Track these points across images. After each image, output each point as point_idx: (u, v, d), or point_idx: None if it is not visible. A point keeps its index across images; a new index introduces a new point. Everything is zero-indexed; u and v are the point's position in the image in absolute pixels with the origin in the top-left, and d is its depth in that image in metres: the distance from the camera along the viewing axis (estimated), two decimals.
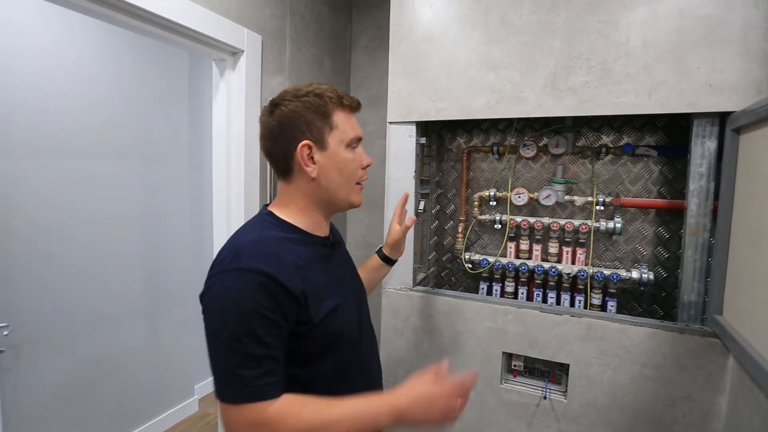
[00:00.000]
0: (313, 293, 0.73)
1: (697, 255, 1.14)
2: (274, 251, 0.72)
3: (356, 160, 0.81)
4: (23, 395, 1.79)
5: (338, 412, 0.68)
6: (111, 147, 2.05)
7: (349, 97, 0.81)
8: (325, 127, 0.77)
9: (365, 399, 0.71)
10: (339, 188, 0.80)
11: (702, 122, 1.12)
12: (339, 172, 0.79)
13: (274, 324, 0.67)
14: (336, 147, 0.78)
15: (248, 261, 0.68)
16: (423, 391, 0.72)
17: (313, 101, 0.77)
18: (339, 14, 2.06)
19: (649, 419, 1.17)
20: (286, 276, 0.69)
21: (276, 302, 0.67)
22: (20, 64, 1.70)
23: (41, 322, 1.84)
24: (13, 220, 1.73)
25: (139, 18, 1.19)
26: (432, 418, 0.71)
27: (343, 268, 0.91)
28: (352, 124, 0.81)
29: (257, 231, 0.76)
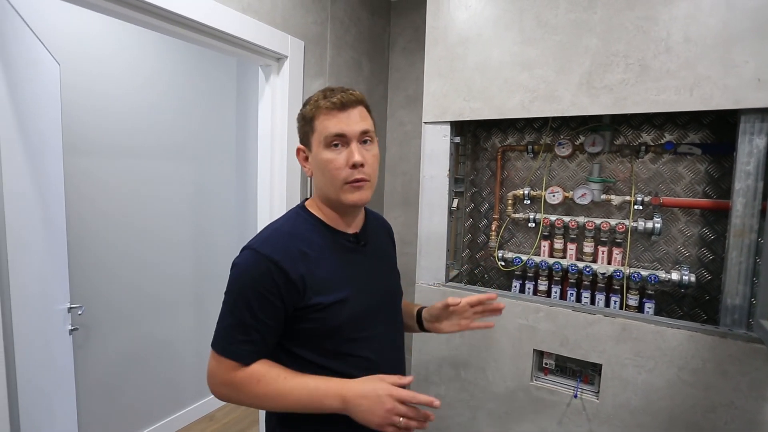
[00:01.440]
0: (314, 282, 0.78)
1: (743, 257, 1.10)
2: (286, 240, 0.80)
3: (338, 159, 0.79)
4: (92, 368, 2.00)
5: (291, 386, 0.76)
6: (165, 147, 2.24)
7: (332, 93, 0.80)
8: (309, 131, 0.83)
9: (319, 380, 0.77)
10: (327, 187, 0.83)
11: (750, 118, 1.08)
12: (321, 173, 0.82)
13: (269, 303, 0.76)
14: (316, 148, 0.82)
15: (262, 244, 0.79)
16: (372, 388, 0.74)
17: (304, 109, 0.85)
18: (377, 17, 2.12)
19: (685, 425, 1.14)
20: (290, 263, 0.77)
21: (276, 285, 0.76)
22: (86, 68, 1.91)
23: (107, 305, 2.05)
24: (86, 213, 1.94)
25: (198, 31, 1.30)
26: (373, 417, 0.73)
27: (368, 267, 0.89)
28: (330, 123, 0.79)
29: (282, 222, 0.86)
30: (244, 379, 0.77)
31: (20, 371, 1.15)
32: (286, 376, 0.77)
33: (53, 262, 1.52)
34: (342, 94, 0.80)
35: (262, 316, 0.76)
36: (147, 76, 2.14)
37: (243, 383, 0.77)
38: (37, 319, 1.33)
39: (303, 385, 0.76)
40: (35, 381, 1.28)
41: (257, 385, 0.76)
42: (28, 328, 1.22)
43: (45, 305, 1.41)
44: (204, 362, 2.54)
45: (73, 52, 1.85)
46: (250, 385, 0.77)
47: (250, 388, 0.77)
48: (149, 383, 2.25)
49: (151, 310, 2.24)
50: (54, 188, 1.55)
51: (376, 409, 0.73)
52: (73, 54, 1.85)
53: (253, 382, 0.76)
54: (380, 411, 0.73)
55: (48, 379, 1.41)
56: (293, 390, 0.76)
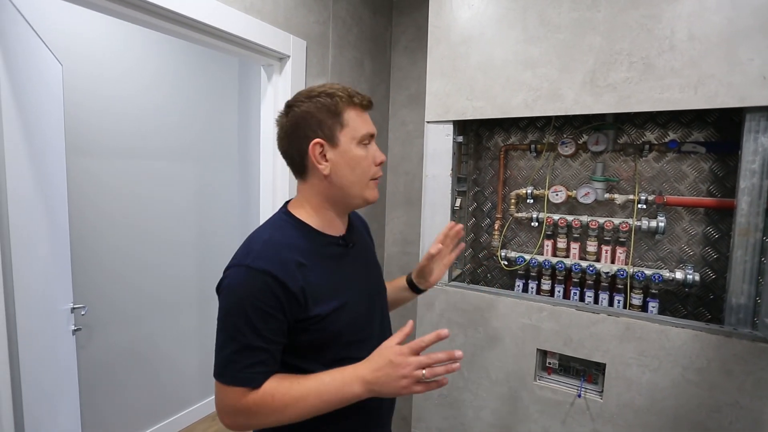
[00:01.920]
0: (313, 292, 0.76)
1: (748, 256, 1.09)
2: (280, 251, 0.76)
3: (369, 156, 0.82)
4: (95, 368, 2.01)
5: (307, 388, 0.72)
6: (167, 148, 2.25)
7: (360, 95, 0.81)
8: (336, 126, 0.79)
9: (332, 372, 0.74)
10: (352, 185, 0.81)
11: (755, 116, 1.07)
12: (351, 169, 0.80)
13: (273, 319, 0.72)
14: (347, 144, 0.80)
15: (255, 259, 0.74)
16: (379, 358, 0.72)
17: (324, 101, 0.79)
18: (379, 17, 2.12)
19: (690, 424, 1.13)
20: (289, 275, 0.73)
21: (277, 299, 0.72)
22: (89, 69, 1.91)
23: (110, 305, 2.05)
24: (89, 214, 1.95)
25: (200, 31, 1.30)
26: (396, 383, 0.70)
27: (358, 268, 0.90)
28: (364, 121, 0.81)
29: (270, 231, 0.81)
30: (258, 399, 0.73)
31: (24, 371, 1.15)
32: (299, 380, 0.74)
33: (56, 263, 1.52)
34: (363, 95, 0.82)
35: (267, 333, 0.73)
36: (149, 77, 2.14)
37: (257, 404, 0.73)
38: (41, 319, 1.33)
39: (319, 382, 0.73)
40: (38, 381, 1.28)
41: (273, 401, 0.72)
42: (31, 328, 1.23)
43: (48, 305, 1.42)
44: (207, 362, 2.56)
45: (75, 52, 1.86)
46: (264, 404, 0.72)
47: (266, 406, 0.72)
48: (152, 383, 2.25)
49: (153, 311, 2.24)
50: (57, 189, 1.56)
51: (394, 375, 0.70)
52: (75, 55, 1.85)
53: (268, 400, 0.72)
54: (398, 374, 0.70)
55: (51, 379, 1.42)
56: (311, 391, 0.73)
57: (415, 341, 0.72)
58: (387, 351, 0.73)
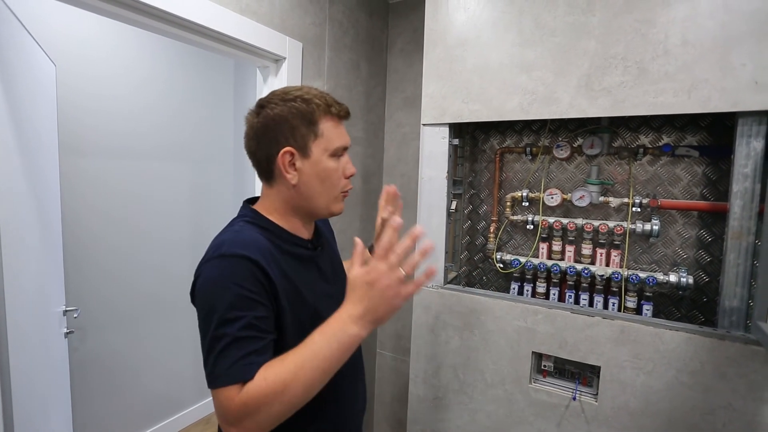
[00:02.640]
0: (286, 291, 0.73)
1: (741, 259, 1.10)
2: (254, 239, 0.72)
3: (339, 169, 0.79)
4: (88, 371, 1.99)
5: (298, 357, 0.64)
6: (162, 148, 2.23)
7: (338, 104, 0.78)
8: (309, 135, 0.75)
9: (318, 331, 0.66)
10: (319, 197, 0.78)
11: (747, 121, 1.08)
12: (321, 181, 0.77)
13: (259, 305, 0.67)
14: (319, 155, 0.76)
15: (229, 248, 0.69)
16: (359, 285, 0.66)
17: (299, 107, 0.75)
18: (376, 19, 2.12)
19: (685, 427, 1.14)
20: (266, 261, 0.69)
21: (259, 283, 0.67)
22: (82, 69, 1.90)
23: (104, 307, 2.03)
24: (82, 214, 1.93)
25: (196, 33, 1.30)
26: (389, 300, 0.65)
27: (325, 272, 0.87)
28: (339, 133, 0.78)
29: (239, 225, 0.77)
30: (251, 391, 0.63)
31: (14, 374, 1.14)
32: (286, 355, 0.65)
33: (49, 264, 1.51)
34: (340, 104, 0.78)
35: (256, 322, 0.66)
36: (144, 77, 2.13)
37: (253, 396, 0.63)
38: (32, 321, 1.32)
39: (310, 345, 0.65)
40: (30, 384, 1.27)
41: (267, 386, 0.62)
42: (22, 331, 1.21)
43: (40, 308, 1.40)
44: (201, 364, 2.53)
45: (69, 52, 1.84)
46: (261, 393, 0.62)
47: (264, 394, 0.62)
48: (146, 386, 2.24)
49: (147, 312, 2.23)
50: (50, 189, 1.54)
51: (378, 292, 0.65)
52: (69, 55, 1.84)
53: (263, 386, 0.63)
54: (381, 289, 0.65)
55: (43, 383, 1.40)
56: (305, 357, 0.64)
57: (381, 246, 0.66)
58: (357, 278, 0.66)
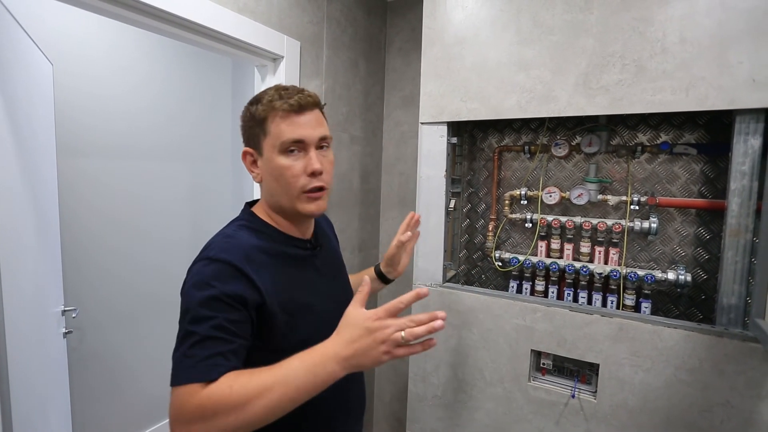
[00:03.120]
0: (277, 294, 0.72)
1: (738, 256, 1.10)
2: (243, 245, 0.73)
3: (295, 166, 0.75)
4: (87, 371, 1.99)
5: (273, 376, 0.61)
6: (160, 147, 2.23)
7: (283, 99, 0.74)
8: (260, 134, 0.76)
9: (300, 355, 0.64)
10: (280, 195, 0.77)
11: (745, 119, 1.08)
12: (275, 179, 0.76)
13: (235, 311, 0.67)
14: (269, 153, 0.75)
15: (216, 251, 0.71)
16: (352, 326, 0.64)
17: (251, 108, 0.77)
18: (374, 17, 2.12)
19: (683, 424, 1.14)
20: (250, 268, 0.70)
21: (239, 292, 0.68)
22: (79, 69, 1.89)
23: (102, 307, 2.03)
24: (81, 214, 1.93)
25: (193, 31, 1.29)
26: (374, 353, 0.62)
27: (325, 273, 0.87)
28: (293, 127, 0.74)
29: (232, 228, 0.79)
30: (212, 394, 0.60)
31: (13, 374, 1.14)
32: (261, 370, 0.62)
33: (47, 264, 1.51)
34: (299, 95, 0.75)
35: (229, 325, 0.65)
36: (141, 76, 2.12)
37: (212, 400, 0.60)
38: (30, 322, 1.31)
39: (286, 368, 0.62)
40: (29, 384, 1.26)
41: (230, 395, 0.59)
42: (20, 331, 1.21)
43: (38, 308, 1.40)
44: None
45: (66, 52, 1.84)
46: (221, 399, 0.59)
47: (224, 402, 0.59)
48: (145, 385, 2.23)
49: (146, 312, 2.22)
50: (48, 189, 1.54)
51: (372, 342, 0.62)
52: (66, 54, 1.83)
53: (225, 393, 0.60)
54: (377, 341, 0.61)
55: (41, 383, 1.40)
56: (277, 379, 0.61)
57: (391, 303, 0.64)
58: (359, 319, 0.63)
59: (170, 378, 0.65)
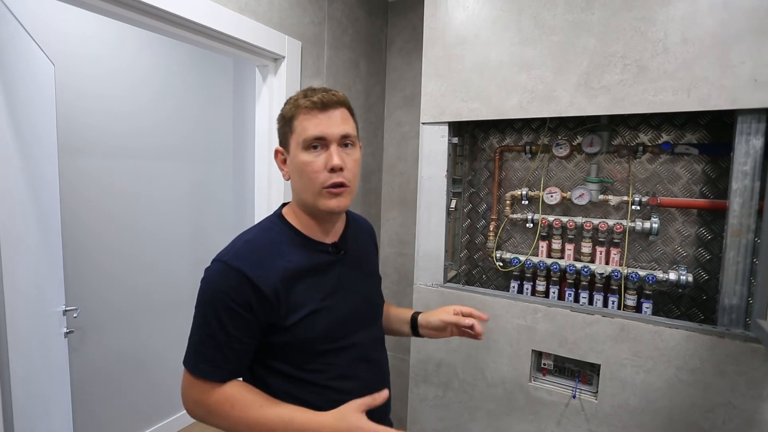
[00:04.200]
0: (290, 298, 0.75)
1: (740, 257, 1.10)
2: (261, 253, 0.76)
3: (316, 162, 0.76)
4: (88, 371, 1.99)
5: (265, 416, 0.72)
6: (162, 147, 2.23)
7: (308, 97, 0.77)
8: (288, 132, 0.80)
9: (295, 412, 0.73)
10: (303, 192, 0.79)
11: (747, 119, 1.08)
12: (299, 175, 0.79)
13: (241, 317, 0.73)
14: (294, 150, 0.78)
15: (232, 257, 0.75)
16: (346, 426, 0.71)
17: (283, 109, 0.81)
18: (375, 18, 2.12)
19: (684, 424, 1.14)
20: (263, 278, 0.73)
21: (247, 299, 0.72)
22: (81, 68, 1.89)
23: (103, 306, 2.03)
24: (82, 213, 1.93)
25: (195, 32, 1.30)
26: None
27: (348, 277, 0.87)
28: (315, 123, 0.76)
29: (256, 232, 0.82)
30: (218, 402, 0.74)
31: (14, 374, 1.14)
32: (262, 403, 0.74)
33: (48, 264, 1.51)
34: (323, 93, 0.77)
35: (234, 331, 0.73)
36: (143, 76, 2.12)
37: (217, 406, 0.74)
38: (32, 321, 1.31)
39: (278, 416, 0.72)
40: (30, 384, 1.27)
41: (231, 410, 0.73)
42: (22, 331, 1.21)
43: (40, 308, 1.40)
44: None
45: (68, 52, 1.84)
46: (224, 409, 0.74)
47: (224, 412, 0.74)
48: (146, 385, 2.24)
49: (147, 312, 2.23)
50: (49, 188, 1.54)
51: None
52: (68, 54, 1.84)
53: (227, 407, 0.73)
54: None
55: (43, 382, 1.40)
56: (267, 421, 0.72)
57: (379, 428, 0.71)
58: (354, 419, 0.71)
59: (185, 355, 0.77)
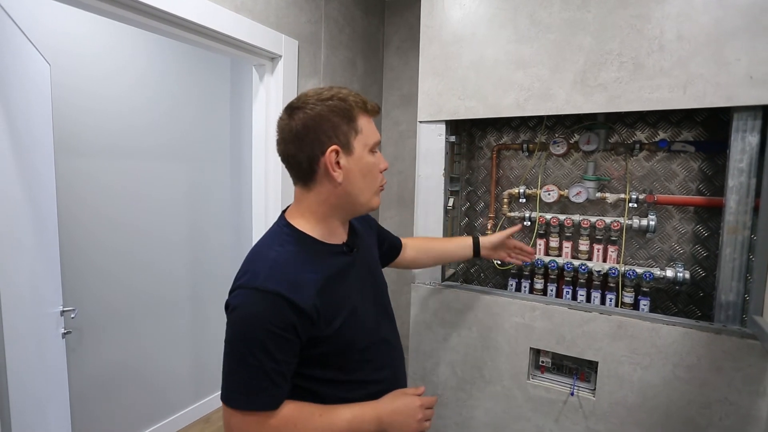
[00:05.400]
0: (325, 307, 0.76)
1: (736, 254, 1.10)
2: (288, 270, 0.74)
3: (377, 164, 0.83)
4: (86, 371, 1.98)
5: (329, 422, 0.76)
6: (159, 146, 2.22)
7: (372, 102, 0.82)
8: (351, 132, 0.77)
9: (354, 408, 0.79)
10: (362, 192, 0.81)
11: (743, 116, 1.08)
12: (363, 176, 0.80)
13: (285, 340, 0.71)
14: (361, 151, 0.79)
15: (265, 281, 0.71)
16: (404, 403, 0.83)
17: (338, 105, 0.77)
18: (371, 17, 2.12)
19: (681, 421, 1.14)
20: (299, 295, 0.72)
21: (289, 322, 0.71)
22: (77, 68, 1.88)
23: (101, 307, 2.03)
24: (79, 213, 1.92)
25: (191, 31, 1.29)
26: (408, 428, 0.81)
27: (364, 273, 0.90)
28: (373, 129, 0.82)
29: (276, 248, 0.77)
30: (280, 427, 0.73)
31: (11, 375, 1.14)
32: (321, 412, 0.76)
33: (45, 264, 1.50)
34: (374, 102, 0.84)
35: (281, 356, 0.72)
36: (139, 76, 2.12)
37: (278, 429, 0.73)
38: (29, 322, 1.31)
39: (341, 418, 0.77)
40: (27, 385, 1.26)
41: (295, 429, 0.74)
42: (19, 331, 1.21)
43: (37, 308, 1.39)
44: (200, 364, 2.54)
45: (63, 51, 1.83)
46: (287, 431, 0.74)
47: None
48: (145, 385, 2.23)
49: (145, 312, 2.22)
50: (45, 188, 1.53)
51: (410, 421, 0.81)
52: (63, 54, 1.83)
53: (291, 427, 0.74)
54: (413, 421, 0.82)
55: (41, 383, 1.40)
56: (332, 425, 0.76)
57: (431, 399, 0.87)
58: (409, 400, 0.83)
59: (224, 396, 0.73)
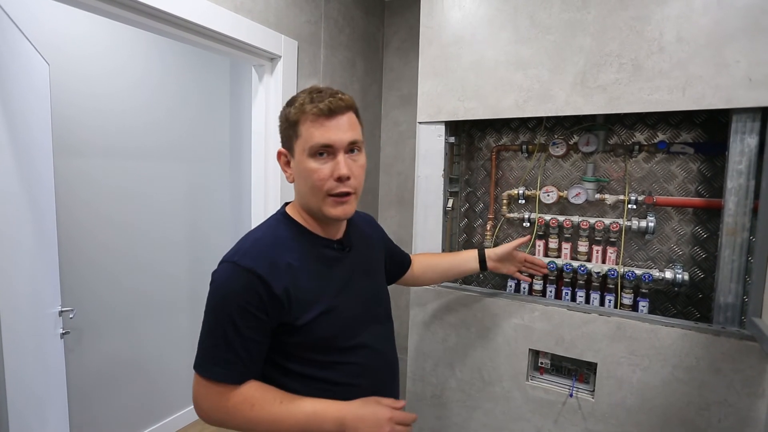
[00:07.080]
0: (300, 295, 0.76)
1: (735, 255, 1.10)
2: (269, 251, 0.76)
3: (322, 170, 0.75)
4: (85, 372, 1.98)
5: (287, 411, 0.74)
6: (158, 146, 2.22)
7: (314, 103, 0.75)
8: (292, 136, 0.78)
9: (317, 404, 0.76)
10: (308, 197, 0.79)
11: (742, 118, 1.08)
12: (303, 181, 0.78)
13: (253, 317, 0.72)
14: (299, 155, 0.77)
15: (243, 257, 0.75)
16: (372, 411, 0.77)
17: (286, 110, 0.79)
18: (371, 17, 2.12)
19: (680, 422, 1.14)
20: (274, 276, 0.73)
21: (260, 299, 0.72)
22: (76, 68, 1.88)
23: (100, 307, 2.02)
24: (78, 214, 1.92)
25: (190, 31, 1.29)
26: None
27: (354, 273, 0.88)
28: (322, 131, 0.74)
29: (263, 230, 0.82)
30: (238, 404, 0.73)
31: (10, 375, 1.13)
32: (282, 399, 0.75)
33: (44, 265, 1.50)
34: (331, 99, 0.75)
35: (247, 332, 0.73)
36: (138, 76, 2.12)
37: (236, 408, 0.73)
38: (28, 322, 1.31)
39: (300, 410, 0.74)
40: (26, 386, 1.26)
41: (251, 410, 0.73)
42: (17, 332, 1.21)
43: (35, 309, 1.39)
44: None
45: (62, 51, 1.83)
46: (243, 410, 0.73)
47: (244, 413, 0.73)
48: (143, 386, 2.23)
49: (144, 312, 2.22)
50: (44, 189, 1.53)
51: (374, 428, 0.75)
52: (62, 54, 1.83)
53: (247, 407, 0.73)
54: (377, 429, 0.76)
55: (39, 384, 1.39)
56: (291, 415, 0.73)
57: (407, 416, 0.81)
58: (380, 409, 0.78)
59: (195, 363, 0.76)
